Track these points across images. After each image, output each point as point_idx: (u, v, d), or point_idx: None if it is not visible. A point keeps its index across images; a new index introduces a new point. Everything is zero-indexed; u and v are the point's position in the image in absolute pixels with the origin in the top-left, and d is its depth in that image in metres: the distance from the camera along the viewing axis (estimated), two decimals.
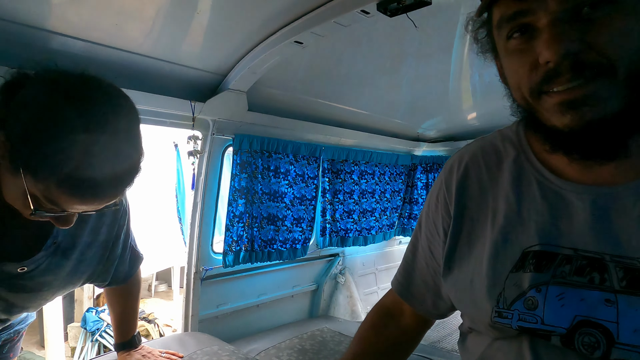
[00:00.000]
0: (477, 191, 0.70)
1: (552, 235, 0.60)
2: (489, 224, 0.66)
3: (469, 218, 0.70)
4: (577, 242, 0.58)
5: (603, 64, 0.49)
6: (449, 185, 0.74)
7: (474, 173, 0.72)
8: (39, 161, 0.69)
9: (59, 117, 0.68)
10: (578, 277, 0.56)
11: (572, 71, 0.50)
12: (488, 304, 0.63)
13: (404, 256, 0.86)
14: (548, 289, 0.58)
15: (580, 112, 0.51)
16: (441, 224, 0.74)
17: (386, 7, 1.21)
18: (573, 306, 0.56)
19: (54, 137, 0.67)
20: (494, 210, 0.67)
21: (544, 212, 0.62)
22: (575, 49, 0.49)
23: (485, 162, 0.72)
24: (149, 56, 1.49)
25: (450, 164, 0.77)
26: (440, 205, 0.75)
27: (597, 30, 0.49)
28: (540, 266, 0.59)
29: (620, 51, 0.49)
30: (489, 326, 0.64)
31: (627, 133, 0.54)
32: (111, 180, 0.73)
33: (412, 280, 0.83)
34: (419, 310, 0.82)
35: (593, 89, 0.50)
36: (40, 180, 0.70)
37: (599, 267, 0.55)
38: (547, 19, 0.50)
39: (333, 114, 2.46)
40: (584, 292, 0.56)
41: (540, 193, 0.63)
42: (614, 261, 0.55)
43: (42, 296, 1.04)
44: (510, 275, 0.61)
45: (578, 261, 0.57)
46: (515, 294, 0.60)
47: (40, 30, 1.22)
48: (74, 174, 0.69)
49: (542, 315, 0.57)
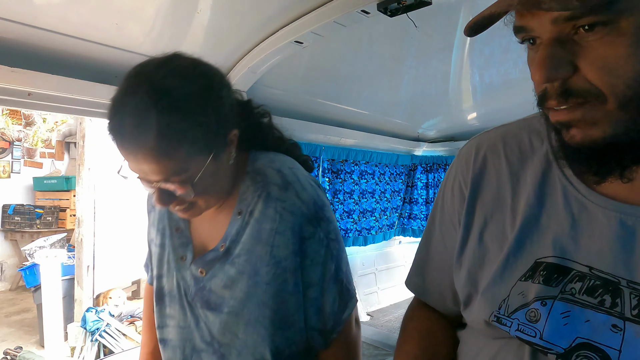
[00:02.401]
0: (494, 186, 0.66)
1: (568, 248, 0.57)
2: (508, 224, 0.63)
3: (482, 213, 0.66)
4: (594, 261, 0.54)
5: (591, 91, 0.48)
6: (465, 177, 0.69)
7: (493, 165, 0.67)
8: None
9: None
10: (588, 297, 0.53)
11: (560, 96, 0.49)
12: (489, 307, 0.61)
13: (417, 254, 0.81)
14: (554, 304, 0.55)
15: (570, 134, 0.51)
16: (457, 217, 0.69)
17: (386, 7, 1.22)
18: (576, 326, 0.53)
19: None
20: (513, 210, 0.63)
21: (564, 223, 0.58)
22: (563, 74, 0.48)
23: (506, 154, 0.66)
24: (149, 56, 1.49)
25: (466, 152, 0.71)
26: (456, 198, 0.70)
27: (590, 55, 0.47)
28: (550, 279, 0.56)
29: (611, 78, 0.47)
30: (485, 324, 0.62)
31: (631, 156, 0.51)
32: (136, 127, 0.72)
33: (427, 277, 0.78)
34: (440, 307, 0.78)
35: (580, 115, 0.49)
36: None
37: (612, 291, 0.52)
38: (544, 38, 0.50)
39: (333, 114, 2.46)
40: (590, 313, 0.53)
41: (563, 201, 0.59)
42: (630, 287, 0.51)
43: (226, 323, 0.87)
44: (518, 283, 0.59)
45: (592, 280, 0.54)
46: (518, 303, 0.58)
47: (40, 30, 1.22)
48: (112, 124, 0.76)
49: (542, 330, 0.55)
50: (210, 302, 0.87)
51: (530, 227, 0.60)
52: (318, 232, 0.85)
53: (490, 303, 0.61)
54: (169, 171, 0.74)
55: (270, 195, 0.84)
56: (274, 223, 0.83)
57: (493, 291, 0.61)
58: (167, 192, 0.77)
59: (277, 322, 0.85)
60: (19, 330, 4.44)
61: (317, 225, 0.85)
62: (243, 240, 0.85)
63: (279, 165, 0.88)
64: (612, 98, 0.47)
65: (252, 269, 0.84)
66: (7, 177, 6.04)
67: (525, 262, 0.59)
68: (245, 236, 0.85)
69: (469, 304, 0.67)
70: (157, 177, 0.75)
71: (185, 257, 0.93)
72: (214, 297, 0.87)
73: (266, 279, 0.83)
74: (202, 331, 0.89)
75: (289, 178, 0.86)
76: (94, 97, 1.40)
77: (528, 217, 0.61)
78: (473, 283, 0.65)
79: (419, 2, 1.19)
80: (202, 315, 0.89)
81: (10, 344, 3.99)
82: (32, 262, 4.18)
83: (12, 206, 5.85)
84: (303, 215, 0.83)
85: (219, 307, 0.86)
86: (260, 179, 0.86)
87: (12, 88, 1.25)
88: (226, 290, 0.86)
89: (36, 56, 1.29)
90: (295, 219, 0.83)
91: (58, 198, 6.00)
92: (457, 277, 0.69)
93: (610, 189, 0.56)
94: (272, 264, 0.83)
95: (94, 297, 4.11)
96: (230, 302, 0.85)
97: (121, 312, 3.98)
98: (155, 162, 0.72)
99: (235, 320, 0.85)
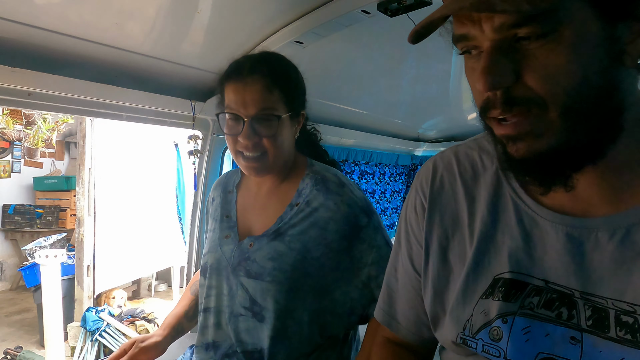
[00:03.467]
0: (452, 205, 0.67)
1: (523, 263, 0.57)
2: (467, 243, 0.63)
3: (443, 233, 0.67)
4: (548, 274, 0.55)
5: (533, 99, 0.48)
6: (425, 195, 0.70)
7: (449, 185, 0.68)
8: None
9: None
10: (546, 311, 0.54)
11: (504, 105, 0.49)
12: (454, 328, 0.60)
13: (385, 282, 0.79)
14: (514, 321, 0.55)
15: (515, 147, 0.51)
16: (424, 235, 0.69)
17: (387, 7, 1.22)
18: (538, 342, 0.53)
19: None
20: (470, 228, 0.63)
21: (517, 238, 0.58)
22: (506, 82, 0.48)
23: (460, 173, 0.68)
24: (150, 55, 1.49)
25: (424, 172, 0.72)
26: (419, 216, 0.71)
27: (532, 62, 0.47)
28: (509, 295, 0.56)
29: (552, 87, 0.47)
30: (453, 344, 0.61)
31: (572, 165, 0.51)
32: (255, 64, 1.02)
33: (397, 306, 0.76)
34: (412, 339, 0.75)
35: (524, 129, 0.49)
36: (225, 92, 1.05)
37: (568, 303, 0.53)
38: (485, 46, 0.49)
39: (333, 114, 2.46)
40: (549, 326, 0.53)
41: (516, 216, 0.59)
42: (584, 298, 0.52)
43: (268, 290, 0.99)
44: (480, 301, 0.59)
45: (548, 294, 0.54)
46: (482, 322, 0.58)
47: (40, 30, 1.22)
48: (231, 67, 1.06)
49: (506, 349, 0.55)
50: (252, 271, 1.01)
51: (487, 244, 0.61)
52: (373, 221, 1.03)
53: (456, 324, 0.60)
54: (265, 103, 0.98)
55: (330, 190, 1.02)
56: (331, 212, 1.00)
57: (457, 312, 0.61)
58: (254, 128, 0.99)
59: (317, 290, 1.00)
60: (19, 330, 4.45)
61: (371, 216, 1.03)
62: (297, 224, 1.02)
63: (334, 172, 1.09)
64: (553, 106, 0.47)
65: (303, 246, 1.00)
66: (8, 177, 6.05)
67: (485, 280, 0.59)
68: (301, 221, 1.02)
69: (437, 325, 0.66)
70: (254, 108, 0.98)
71: (229, 236, 1.10)
72: (256, 266, 1.01)
73: (315, 255, 0.99)
74: (241, 298, 1.02)
75: (344, 180, 1.06)
76: (95, 97, 1.40)
77: (484, 235, 0.61)
78: (440, 303, 0.65)
79: (419, 2, 1.19)
80: (244, 282, 1.02)
81: (10, 343, 4.00)
82: (32, 262, 4.18)
83: (13, 206, 5.86)
84: (359, 207, 1.02)
85: (260, 275, 1.00)
86: (320, 178, 1.05)
87: (12, 88, 1.25)
88: (270, 262, 1.00)
89: (36, 56, 1.29)
90: (352, 210, 1.01)
91: (58, 198, 6.00)
92: (424, 296, 0.69)
93: (557, 201, 0.56)
94: (324, 245, 0.99)
95: (95, 297, 4.11)
96: (274, 272, 0.99)
97: (121, 312, 3.98)
98: (258, 92, 0.98)
99: (279, 288, 0.98)
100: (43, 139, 5.70)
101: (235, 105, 0.99)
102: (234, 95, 1.00)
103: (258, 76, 0.98)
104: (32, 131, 5.59)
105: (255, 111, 0.98)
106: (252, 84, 0.98)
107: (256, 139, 0.99)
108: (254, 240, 1.04)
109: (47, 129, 5.57)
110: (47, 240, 4.85)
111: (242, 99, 0.98)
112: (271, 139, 1.00)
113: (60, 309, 3.46)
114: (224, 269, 1.06)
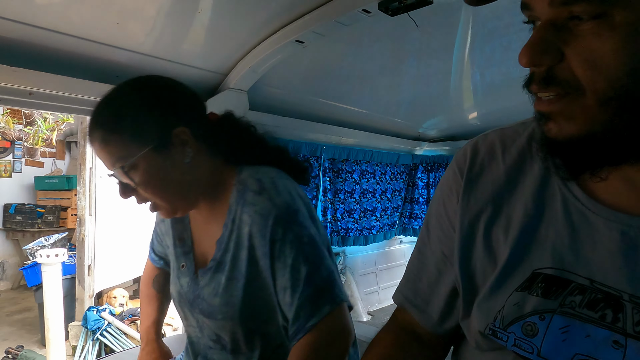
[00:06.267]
0: (491, 189, 0.63)
1: (568, 259, 0.54)
2: (506, 232, 0.60)
3: (478, 217, 0.63)
4: (595, 273, 0.52)
5: (571, 83, 0.46)
6: (463, 177, 0.66)
7: (490, 169, 0.65)
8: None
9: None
10: (588, 311, 0.51)
11: (542, 82, 0.48)
12: (484, 319, 0.59)
13: (409, 264, 0.76)
14: (552, 319, 0.52)
15: (547, 127, 0.50)
16: (458, 218, 0.65)
17: (387, 6, 1.21)
18: (576, 342, 0.51)
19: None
20: (508, 217, 0.60)
21: (564, 233, 0.55)
22: (547, 61, 0.47)
23: (504, 158, 0.64)
24: (150, 55, 1.49)
25: (463, 153, 0.69)
26: (454, 198, 0.67)
27: (578, 44, 0.45)
28: (549, 292, 0.54)
29: (594, 73, 0.45)
30: (481, 336, 0.60)
31: (609, 158, 0.49)
32: (93, 116, 0.88)
33: (418, 289, 0.73)
34: (422, 322, 0.73)
35: (558, 108, 0.48)
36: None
37: (614, 305, 0.50)
38: (541, 19, 0.48)
39: (334, 114, 2.46)
40: (591, 328, 0.50)
41: (563, 210, 0.56)
42: (633, 302, 0.49)
43: (224, 327, 0.93)
44: (514, 293, 0.56)
45: (593, 294, 0.51)
46: (514, 315, 0.55)
47: (41, 29, 1.23)
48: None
49: (540, 346, 0.52)
50: (204, 310, 0.94)
51: (529, 236, 0.58)
52: (288, 234, 0.85)
53: (486, 314, 0.58)
54: (112, 157, 0.84)
55: (246, 201, 0.88)
56: (248, 226, 0.87)
57: (489, 301, 0.59)
58: (123, 184, 0.87)
59: (272, 309, 0.90)
60: (20, 329, 4.45)
61: (288, 228, 0.85)
62: (230, 248, 0.90)
63: (260, 175, 0.91)
64: (592, 94, 0.45)
65: (239, 272, 0.89)
66: (9, 177, 6.05)
67: (523, 273, 0.57)
68: (232, 244, 0.90)
69: (465, 313, 0.64)
70: (109, 165, 0.85)
71: (184, 265, 1.00)
72: (206, 305, 0.93)
73: (248, 278, 0.89)
74: (208, 331, 0.97)
75: (266, 185, 0.89)
76: (95, 97, 1.39)
77: (526, 226, 0.58)
78: (469, 290, 0.63)
79: (419, 1, 1.19)
80: (203, 320, 0.96)
81: (11, 343, 4.00)
82: (34, 262, 4.18)
83: (14, 205, 5.86)
84: (273, 218, 0.85)
85: (212, 314, 0.93)
86: (242, 188, 0.90)
87: (13, 87, 1.25)
88: (217, 298, 0.91)
89: (37, 55, 1.29)
90: (266, 222, 0.85)
91: (59, 197, 6.00)
92: (454, 281, 0.66)
93: (612, 196, 0.53)
94: (252, 264, 0.88)
95: (96, 296, 4.11)
96: (223, 309, 0.91)
97: (122, 311, 3.98)
98: (101, 149, 0.85)
99: (234, 323, 0.91)
100: (43, 138, 5.70)
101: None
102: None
103: (97, 132, 0.85)
104: (32, 131, 5.59)
105: (112, 169, 0.86)
106: (94, 141, 0.85)
107: (133, 193, 0.87)
108: (202, 275, 0.95)
109: (47, 129, 5.57)
110: (48, 239, 4.85)
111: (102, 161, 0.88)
112: (144, 187, 0.85)
113: (61, 308, 3.46)
114: (185, 303, 1.00)
